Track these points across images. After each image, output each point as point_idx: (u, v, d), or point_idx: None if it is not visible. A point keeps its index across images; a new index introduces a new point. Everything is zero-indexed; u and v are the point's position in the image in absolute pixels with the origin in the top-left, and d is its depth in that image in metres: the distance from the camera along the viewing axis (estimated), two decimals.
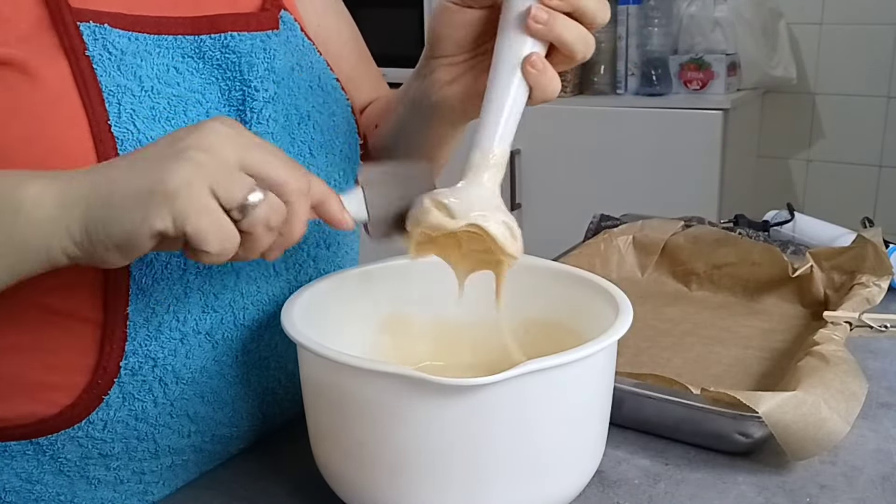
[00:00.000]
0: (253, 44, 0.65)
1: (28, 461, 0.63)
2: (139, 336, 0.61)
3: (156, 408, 0.63)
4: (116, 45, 0.59)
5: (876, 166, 2.37)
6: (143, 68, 0.60)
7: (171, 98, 0.61)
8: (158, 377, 0.63)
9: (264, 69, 0.65)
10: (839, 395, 0.67)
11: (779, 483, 0.65)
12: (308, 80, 0.70)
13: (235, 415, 0.68)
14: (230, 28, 0.65)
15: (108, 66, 0.59)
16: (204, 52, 0.64)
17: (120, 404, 0.62)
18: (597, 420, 0.59)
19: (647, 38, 2.26)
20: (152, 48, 0.61)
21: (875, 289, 0.88)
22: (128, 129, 0.58)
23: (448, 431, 0.52)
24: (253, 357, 0.68)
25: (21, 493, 0.64)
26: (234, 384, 0.67)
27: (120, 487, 0.66)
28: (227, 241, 0.49)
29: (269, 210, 0.50)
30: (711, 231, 1.03)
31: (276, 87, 0.66)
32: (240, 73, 0.65)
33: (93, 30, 0.59)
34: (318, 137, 0.70)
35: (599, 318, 0.60)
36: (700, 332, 0.90)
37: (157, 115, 0.60)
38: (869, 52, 2.31)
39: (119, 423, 0.63)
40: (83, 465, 0.64)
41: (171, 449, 0.66)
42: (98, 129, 0.57)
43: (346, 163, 0.73)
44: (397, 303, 0.69)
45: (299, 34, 0.72)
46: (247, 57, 0.65)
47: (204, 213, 0.48)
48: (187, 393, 0.64)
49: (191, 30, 0.64)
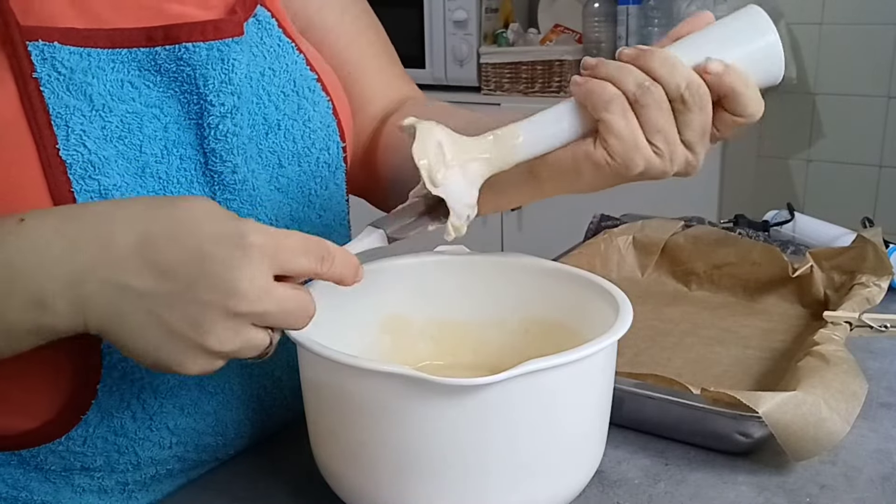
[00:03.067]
0: (209, 54, 0.62)
1: (14, 469, 0.63)
2: (115, 355, 0.60)
3: (134, 423, 0.63)
4: (66, 64, 0.58)
5: (876, 166, 2.37)
6: (94, 86, 0.59)
7: (125, 115, 0.60)
8: (136, 393, 0.62)
9: (220, 81, 0.62)
10: (839, 395, 0.67)
11: (779, 483, 0.65)
12: (280, 86, 0.68)
13: (219, 424, 0.67)
14: (185, 38, 0.61)
15: (57, 86, 0.57)
16: (160, 64, 0.61)
17: (98, 421, 0.61)
18: (597, 420, 0.59)
19: (647, 38, 2.26)
20: (105, 64, 0.60)
21: (875, 289, 0.88)
22: (77, 150, 0.57)
23: (448, 431, 0.52)
24: (234, 366, 0.66)
25: (8, 500, 0.63)
26: (215, 394, 0.66)
27: (104, 496, 0.66)
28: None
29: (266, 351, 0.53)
30: (711, 231, 1.03)
31: (235, 99, 0.63)
32: (196, 86, 0.62)
33: (41, 49, 0.57)
34: (289, 146, 0.68)
35: (600, 319, 0.60)
36: (700, 332, 0.90)
37: (109, 134, 0.59)
38: (869, 52, 2.31)
39: (99, 439, 0.62)
40: (67, 475, 0.64)
41: (153, 460, 0.65)
42: (45, 154, 0.56)
43: (325, 169, 0.71)
44: (397, 303, 0.69)
45: (276, 33, 0.69)
46: (202, 69, 0.62)
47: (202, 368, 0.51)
48: (166, 406, 0.64)
49: (146, 42, 0.61)
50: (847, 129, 2.39)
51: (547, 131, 0.58)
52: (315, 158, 0.71)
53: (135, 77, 0.61)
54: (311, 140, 0.70)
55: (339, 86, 0.75)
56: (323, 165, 0.71)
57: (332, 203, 0.73)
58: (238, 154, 0.64)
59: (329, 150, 0.72)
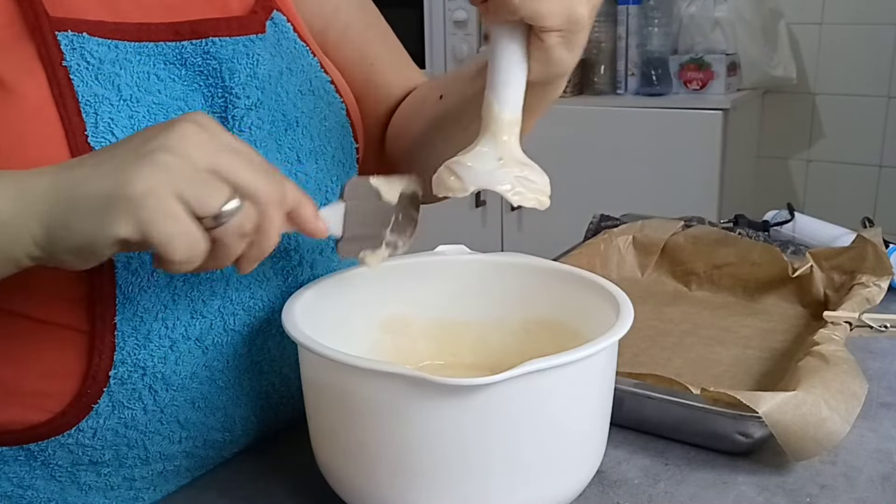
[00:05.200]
0: (235, 49, 0.64)
1: (20, 466, 0.63)
2: (128, 345, 0.60)
3: (146, 415, 0.63)
4: (94, 54, 0.59)
5: (876, 166, 2.38)
6: (123, 77, 0.60)
7: (152, 106, 0.60)
8: (148, 385, 0.62)
9: (246, 75, 0.65)
10: (839, 395, 0.67)
11: (779, 483, 0.65)
12: (298, 85, 0.69)
13: (228, 420, 0.68)
14: (212, 33, 0.64)
15: (86, 75, 0.58)
16: (186, 58, 0.63)
17: (109, 412, 0.62)
18: (597, 420, 0.59)
19: (647, 38, 2.26)
20: (132, 56, 0.61)
21: (875, 289, 0.88)
22: (106, 139, 0.57)
23: (449, 431, 0.52)
24: (245, 362, 0.67)
25: (13, 498, 0.64)
26: (226, 389, 0.67)
27: (110, 493, 0.66)
28: (194, 250, 0.48)
29: (244, 219, 0.49)
30: (711, 231, 1.03)
31: (259, 93, 0.65)
32: (221, 79, 0.64)
33: (70, 39, 0.58)
34: (307, 143, 0.69)
35: (600, 319, 0.60)
36: (700, 332, 0.90)
37: (137, 123, 0.59)
38: (869, 52, 2.31)
39: (109, 431, 0.62)
40: (74, 472, 0.64)
41: (161, 455, 0.66)
42: (75, 142, 0.56)
43: (339, 168, 0.73)
44: (397, 303, 0.69)
45: (292, 36, 0.71)
46: (228, 63, 0.64)
47: (171, 221, 0.46)
48: (178, 399, 0.64)
49: (173, 36, 0.63)
50: (847, 129, 2.39)
51: (512, 79, 0.59)
52: (331, 156, 0.72)
53: (161, 70, 0.62)
54: (328, 138, 0.71)
55: (349, 90, 0.77)
56: (338, 164, 0.73)
57: None
58: (259, 148, 0.65)
59: (343, 148, 0.73)
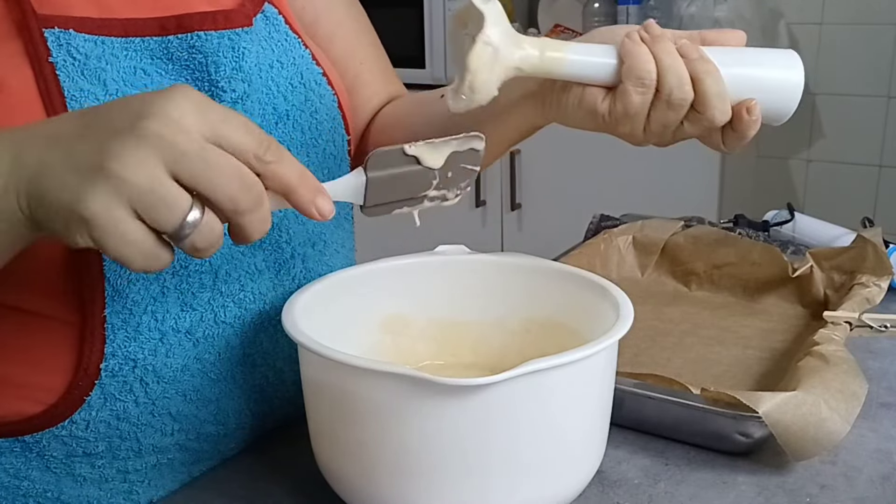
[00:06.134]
0: (220, 42, 0.64)
1: (16, 458, 0.63)
2: (118, 338, 0.61)
3: (137, 407, 0.63)
4: (80, 50, 0.59)
5: (876, 166, 2.37)
6: (108, 72, 0.60)
7: None
8: (139, 377, 0.63)
9: (231, 68, 0.65)
10: (839, 395, 0.67)
11: (779, 483, 0.65)
12: (289, 78, 0.69)
13: (220, 413, 0.68)
14: (197, 27, 0.64)
15: (72, 71, 0.58)
16: (172, 52, 0.63)
17: (101, 405, 0.62)
18: (597, 420, 0.59)
19: None
20: (119, 51, 0.61)
21: (875, 289, 0.88)
22: None
23: (448, 431, 0.52)
24: (236, 354, 0.67)
25: (9, 489, 0.64)
26: (218, 382, 0.67)
27: (105, 486, 0.66)
28: (153, 264, 0.46)
29: (207, 231, 0.47)
30: (711, 231, 1.03)
31: (245, 86, 0.66)
32: (207, 73, 0.64)
33: (57, 36, 0.58)
34: (297, 136, 0.69)
35: (600, 319, 0.60)
36: (700, 332, 0.90)
37: None
38: (869, 52, 2.30)
39: (101, 423, 0.63)
40: (69, 463, 0.64)
41: (154, 448, 0.66)
42: None
43: (331, 161, 0.73)
44: (397, 303, 0.69)
45: (283, 28, 0.71)
46: (213, 56, 0.64)
47: (123, 241, 0.44)
48: (169, 392, 0.64)
49: (159, 31, 0.63)
50: (847, 129, 2.39)
51: (593, 62, 0.61)
52: (322, 150, 0.72)
53: (147, 64, 0.62)
54: (319, 132, 0.72)
55: (341, 83, 0.77)
56: (329, 157, 0.73)
57: None
58: None
59: (335, 142, 0.73)
